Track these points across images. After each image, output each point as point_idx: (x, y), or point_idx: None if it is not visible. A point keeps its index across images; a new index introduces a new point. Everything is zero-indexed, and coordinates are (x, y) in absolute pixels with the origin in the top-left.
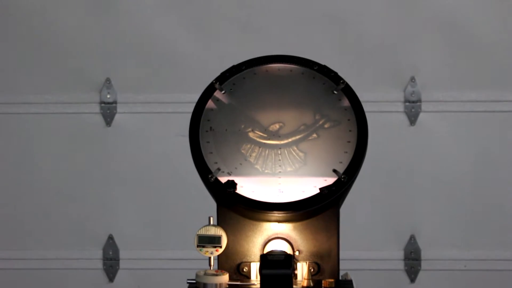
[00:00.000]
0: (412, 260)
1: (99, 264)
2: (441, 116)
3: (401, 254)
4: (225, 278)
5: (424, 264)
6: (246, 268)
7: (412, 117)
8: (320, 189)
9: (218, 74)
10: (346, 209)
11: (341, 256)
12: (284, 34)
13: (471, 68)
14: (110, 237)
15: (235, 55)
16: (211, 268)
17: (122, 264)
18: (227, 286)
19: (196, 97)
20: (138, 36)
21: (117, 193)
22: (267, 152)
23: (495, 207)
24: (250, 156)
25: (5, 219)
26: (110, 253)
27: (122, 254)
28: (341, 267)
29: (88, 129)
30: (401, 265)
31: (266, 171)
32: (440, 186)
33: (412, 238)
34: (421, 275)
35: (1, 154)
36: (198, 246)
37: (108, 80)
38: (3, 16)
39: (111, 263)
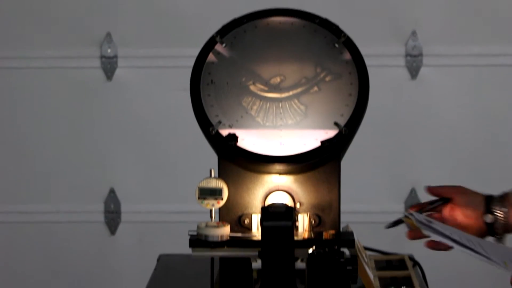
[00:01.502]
0: None
1: (101, 217)
2: (442, 70)
3: (401, 207)
4: (226, 230)
5: None
6: (247, 220)
7: (413, 71)
8: (321, 141)
9: (219, 28)
10: (347, 163)
11: (342, 209)
12: None
13: (473, 22)
14: (112, 191)
15: (236, 9)
16: (213, 220)
17: (123, 217)
18: (229, 237)
19: (197, 51)
20: None
21: (118, 147)
22: (268, 105)
23: (495, 160)
24: (251, 109)
25: (5, 172)
26: (112, 206)
27: (124, 208)
28: (342, 219)
29: (89, 83)
30: (399, 215)
31: (267, 124)
32: (441, 139)
33: (412, 191)
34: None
35: (1, 108)
36: (199, 198)
37: (108, 34)
38: None
39: (112, 216)
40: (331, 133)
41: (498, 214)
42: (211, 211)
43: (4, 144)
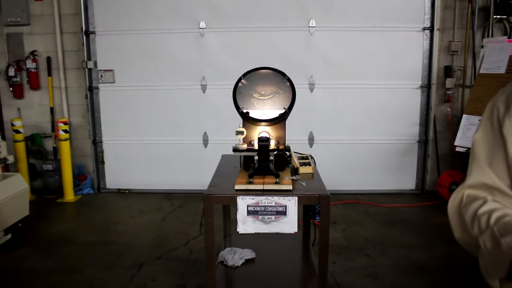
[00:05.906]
0: (311, 140)
1: (201, 141)
2: (323, 90)
3: (306, 137)
4: (245, 146)
5: (316, 141)
6: (252, 142)
7: (311, 90)
8: (279, 114)
9: (242, 73)
10: (288, 121)
11: (286, 138)
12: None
13: (336, 74)
14: (205, 132)
15: (251, 63)
16: (240, 142)
17: (210, 141)
18: (246, 148)
19: (233, 83)
20: None
21: (208, 115)
22: (260, 101)
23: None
24: (254, 102)
25: (150, 123)
26: (205, 138)
27: (210, 138)
28: (286, 142)
29: (194, 97)
30: (306, 141)
31: (260, 108)
32: (322, 115)
33: (310, 132)
34: (314, 146)
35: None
36: (236, 134)
37: (203, 77)
38: None
39: (205, 141)
40: (282, 111)
41: None
42: (240, 139)
43: (148, 101)
